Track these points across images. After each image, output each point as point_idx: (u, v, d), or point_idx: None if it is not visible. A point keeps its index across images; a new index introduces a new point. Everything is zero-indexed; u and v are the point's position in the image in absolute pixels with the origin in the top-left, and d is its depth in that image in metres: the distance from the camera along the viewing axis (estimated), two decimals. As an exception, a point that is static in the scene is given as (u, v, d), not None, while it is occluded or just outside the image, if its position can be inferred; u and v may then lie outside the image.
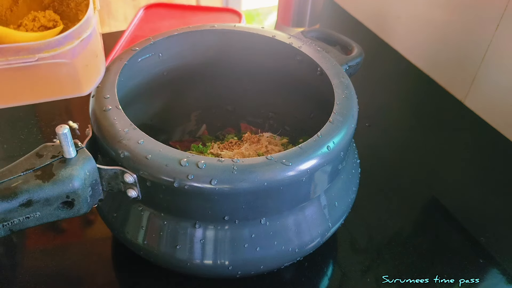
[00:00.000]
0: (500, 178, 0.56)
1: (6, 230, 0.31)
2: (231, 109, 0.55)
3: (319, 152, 0.33)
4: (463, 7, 0.64)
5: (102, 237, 0.46)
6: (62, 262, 0.44)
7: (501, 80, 0.61)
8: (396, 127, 0.64)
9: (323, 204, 0.38)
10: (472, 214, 0.50)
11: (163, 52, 0.46)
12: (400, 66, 0.76)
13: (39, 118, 0.60)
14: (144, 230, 0.36)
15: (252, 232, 0.35)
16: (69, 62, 0.29)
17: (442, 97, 0.69)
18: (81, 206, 0.33)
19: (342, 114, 0.37)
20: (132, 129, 0.34)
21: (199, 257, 0.35)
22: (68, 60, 0.29)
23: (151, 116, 0.51)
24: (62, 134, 0.31)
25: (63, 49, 0.29)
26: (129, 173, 0.33)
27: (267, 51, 0.47)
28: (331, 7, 0.92)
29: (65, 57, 0.29)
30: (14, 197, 0.30)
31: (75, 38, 0.29)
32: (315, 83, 0.44)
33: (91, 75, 0.33)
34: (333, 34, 0.51)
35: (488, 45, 0.61)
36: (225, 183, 0.31)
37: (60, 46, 0.29)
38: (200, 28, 0.46)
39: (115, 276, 0.43)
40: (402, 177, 0.56)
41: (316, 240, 0.38)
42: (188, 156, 0.32)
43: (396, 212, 0.50)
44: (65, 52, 0.29)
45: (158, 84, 0.48)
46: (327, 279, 0.44)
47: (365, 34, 0.84)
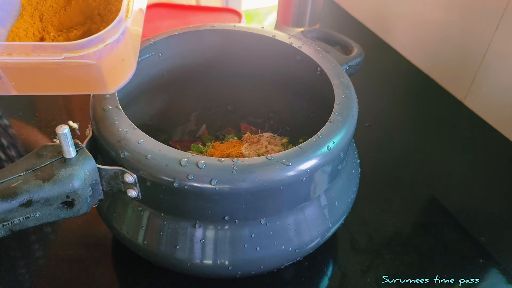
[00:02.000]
0: (500, 178, 0.56)
1: (6, 230, 0.31)
2: (231, 109, 0.55)
3: (319, 152, 0.33)
4: (463, 7, 0.64)
5: (102, 237, 0.46)
6: (62, 262, 0.44)
7: (501, 80, 0.61)
8: (396, 127, 0.64)
9: (323, 204, 0.38)
10: (472, 214, 0.50)
11: (163, 52, 0.46)
12: (400, 66, 0.76)
13: (39, 118, 0.60)
14: (144, 230, 0.36)
15: (252, 232, 0.35)
16: (94, 63, 0.32)
17: (442, 97, 0.69)
18: (81, 206, 0.33)
19: (342, 114, 0.37)
20: (132, 129, 0.34)
21: (199, 257, 0.35)
22: (93, 62, 0.32)
23: (151, 116, 0.51)
24: (62, 134, 0.31)
25: (88, 51, 0.31)
26: (129, 173, 0.33)
27: (267, 51, 0.47)
28: (331, 7, 0.92)
29: (90, 58, 0.31)
30: (14, 197, 0.30)
31: (100, 42, 0.31)
32: (315, 83, 0.44)
33: (116, 76, 0.35)
34: (333, 34, 0.51)
35: (488, 45, 0.61)
36: (225, 183, 0.31)
37: (85, 49, 0.31)
38: (200, 28, 0.46)
39: (115, 276, 0.43)
40: (402, 177, 0.56)
41: (316, 240, 0.38)
42: (188, 156, 0.32)
43: (396, 212, 0.51)
44: (90, 54, 0.31)
45: (158, 84, 0.48)
46: (327, 279, 0.44)
47: (365, 34, 0.84)
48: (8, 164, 0.53)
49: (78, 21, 0.39)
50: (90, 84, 0.34)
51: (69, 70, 0.33)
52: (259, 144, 0.45)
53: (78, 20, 0.38)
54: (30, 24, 0.37)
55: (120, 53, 0.34)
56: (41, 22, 0.37)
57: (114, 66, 0.34)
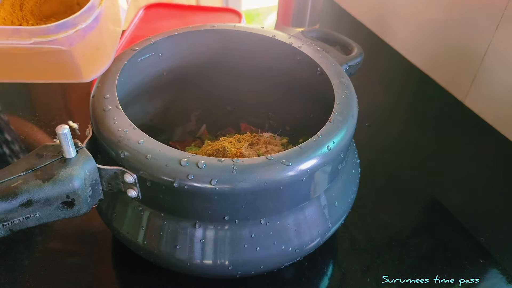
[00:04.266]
0: (500, 178, 0.56)
1: (6, 230, 0.31)
2: (231, 109, 0.55)
3: (319, 152, 0.33)
4: (463, 7, 0.64)
5: (102, 237, 0.46)
6: (62, 262, 0.44)
7: (501, 80, 0.61)
8: (396, 127, 0.64)
9: (323, 204, 0.38)
10: (472, 214, 0.50)
11: (163, 52, 0.46)
12: (400, 66, 0.76)
13: (39, 118, 0.60)
14: (144, 230, 0.36)
15: (252, 232, 0.35)
16: (66, 49, 0.32)
17: (442, 97, 0.69)
18: (81, 206, 0.33)
19: (342, 114, 0.37)
20: (132, 129, 0.34)
21: (199, 257, 0.35)
22: (65, 48, 0.32)
23: (151, 116, 0.51)
24: (62, 134, 0.31)
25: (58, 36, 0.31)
26: (129, 173, 0.33)
27: (267, 51, 0.47)
28: (331, 7, 0.92)
29: (61, 44, 0.31)
30: (14, 197, 0.30)
31: (70, 28, 0.31)
32: (315, 83, 0.44)
33: (92, 65, 0.35)
34: (333, 34, 0.51)
35: (488, 45, 0.61)
36: (225, 183, 0.31)
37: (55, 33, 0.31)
38: (200, 28, 0.46)
39: (115, 276, 0.43)
40: (402, 177, 0.56)
41: (316, 240, 0.38)
42: (188, 156, 0.32)
43: (396, 212, 0.50)
44: (60, 39, 0.31)
45: (158, 84, 0.48)
46: (327, 279, 0.44)
47: (365, 34, 0.84)
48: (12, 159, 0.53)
49: (59, 11, 0.38)
50: (64, 71, 0.34)
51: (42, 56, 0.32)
52: (259, 144, 0.45)
53: (59, 9, 0.38)
54: (9, 12, 0.37)
55: (93, 40, 0.33)
56: (21, 11, 0.37)
57: (87, 54, 0.34)
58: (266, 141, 0.46)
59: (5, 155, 0.54)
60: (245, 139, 0.45)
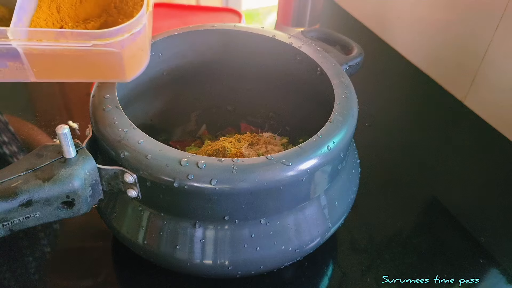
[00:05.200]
0: (500, 178, 0.56)
1: (6, 230, 0.31)
2: (231, 109, 0.55)
3: (319, 152, 0.33)
4: (463, 7, 0.64)
5: (102, 237, 0.46)
6: (62, 262, 0.44)
7: (501, 80, 0.61)
8: (396, 127, 0.64)
9: (323, 204, 0.38)
10: (472, 214, 0.50)
11: (163, 52, 0.46)
12: (400, 66, 0.76)
13: (39, 118, 0.60)
14: (144, 230, 0.36)
15: (252, 232, 0.35)
16: (118, 51, 0.34)
17: (442, 97, 0.69)
18: (81, 206, 0.33)
19: (342, 114, 0.37)
20: (132, 129, 0.34)
21: (199, 257, 0.35)
22: (117, 50, 0.34)
23: (151, 116, 0.51)
24: (62, 134, 0.31)
25: (115, 40, 0.34)
26: (129, 173, 0.33)
27: (267, 51, 0.47)
28: (331, 7, 0.92)
29: (115, 47, 0.34)
30: (14, 197, 0.30)
31: (126, 32, 0.34)
32: (315, 83, 0.44)
33: (135, 65, 0.38)
34: (333, 34, 0.51)
35: (488, 45, 0.61)
36: (225, 183, 0.31)
37: (112, 37, 0.34)
38: (200, 28, 0.46)
39: (115, 276, 0.43)
40: (402, 177, 0.56)
41: (316, 240, 0.38)
42: (188, 156, 0.32)
43: (396, 212, 0.50)
44: (116, 42, 0.34)
45: (158, 84, 0.48)
46: (327, 279, 0.44)
47: (365, 34, 0.84)
48: (11, 160, 0.53)
49: (94, 14, 0.40)
50: (109, 72, 0.36)
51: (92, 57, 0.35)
52: (259, 144, 0.45)
53: (94, 12, 0.40)
54: (48, 14, 0.38)
55: (140, 43, 0.36)
56: (59, 13, 0.39)
57: (133, 55, 0.36)
58: (266, 141, 0.46)
59: (5, 155, 0.54)
60: (245, 139, 0.45)
